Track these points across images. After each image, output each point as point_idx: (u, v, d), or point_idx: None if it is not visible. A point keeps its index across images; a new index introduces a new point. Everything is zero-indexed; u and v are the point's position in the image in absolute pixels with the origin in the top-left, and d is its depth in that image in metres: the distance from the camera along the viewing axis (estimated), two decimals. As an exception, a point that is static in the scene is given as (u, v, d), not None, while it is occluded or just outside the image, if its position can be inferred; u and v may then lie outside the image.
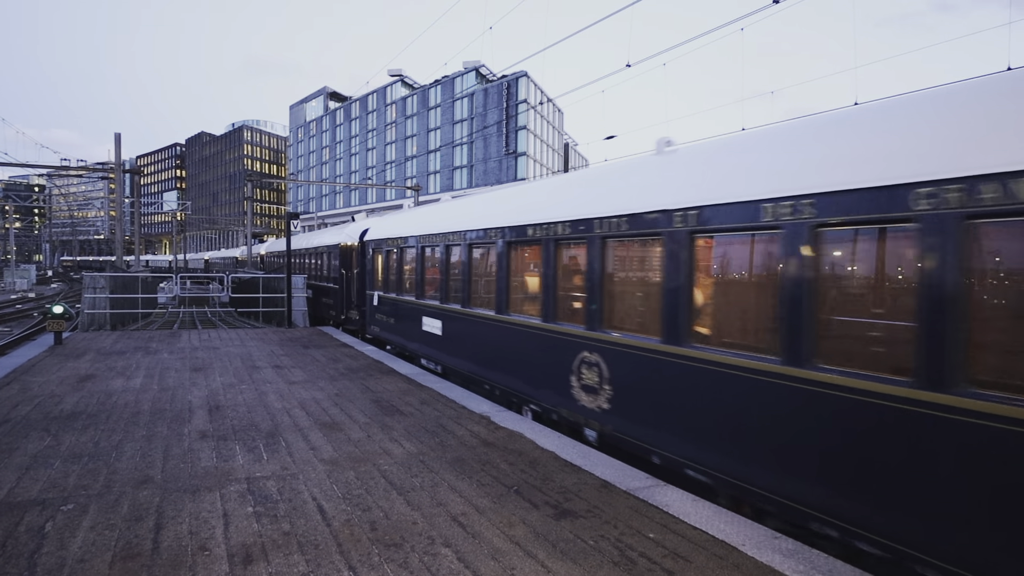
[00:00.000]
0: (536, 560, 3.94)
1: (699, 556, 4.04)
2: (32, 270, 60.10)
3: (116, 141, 25.44)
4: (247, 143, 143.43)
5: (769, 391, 4.74)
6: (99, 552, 3.90)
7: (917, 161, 3.84)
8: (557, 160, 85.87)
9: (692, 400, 5.51)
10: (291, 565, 3.79)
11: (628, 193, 6.58)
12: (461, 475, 5.56)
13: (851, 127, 4.60)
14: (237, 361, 11.69)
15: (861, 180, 4.14)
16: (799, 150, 4.89)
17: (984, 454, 3.41)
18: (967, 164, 3.57)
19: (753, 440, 4.89)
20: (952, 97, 4.04)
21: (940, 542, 3.63)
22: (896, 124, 4.22)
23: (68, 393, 8.52)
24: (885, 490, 3.89)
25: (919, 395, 3.71)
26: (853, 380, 4.11)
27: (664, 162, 6.42)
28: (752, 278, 5.24)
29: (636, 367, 6.22)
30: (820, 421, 4.34)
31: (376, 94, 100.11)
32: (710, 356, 5.32)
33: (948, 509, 3.59)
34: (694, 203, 5.56)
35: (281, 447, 6.28)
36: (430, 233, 11.57)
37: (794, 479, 4.55)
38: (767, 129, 5.84)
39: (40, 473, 5.34)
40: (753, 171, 5.16)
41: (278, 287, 20.53)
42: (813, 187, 4.45)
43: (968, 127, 3.72)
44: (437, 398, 8.71)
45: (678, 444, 5.67)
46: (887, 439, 3.87)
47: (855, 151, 4.34)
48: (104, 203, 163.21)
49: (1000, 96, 3.73)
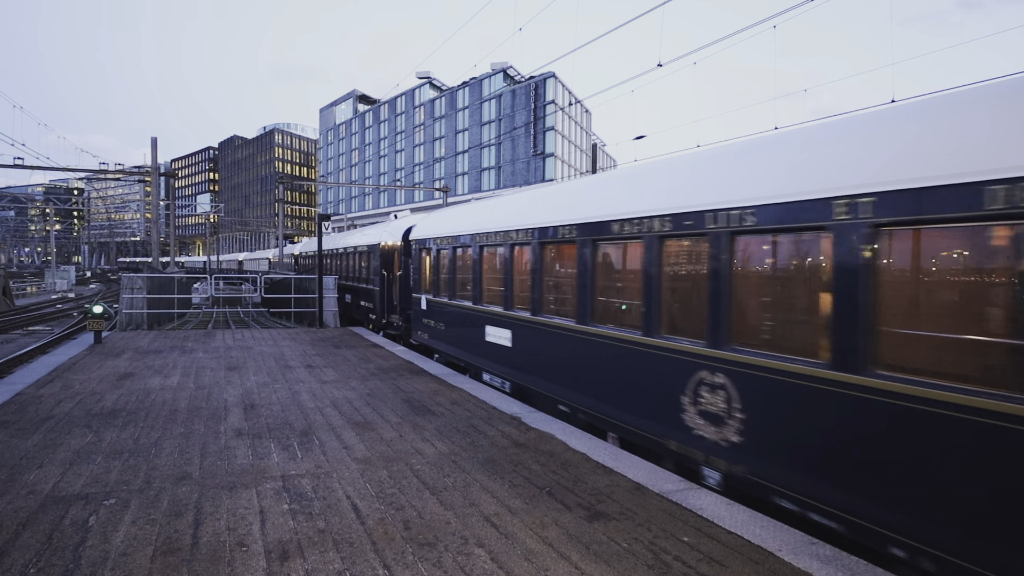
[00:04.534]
0: (569, 562, 3.93)
1: (735, 561, 3.99)
2: (72, 271, 61.71)
3: (152, 145, 25.96)
4: (278, 146, 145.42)
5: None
6: (141, 546, 3.98)
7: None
8: (585, 161, 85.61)
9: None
10: (327, 562, 3.83)
11: (774, 175, 5.20)
12: (493, 475, 5.56)
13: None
14: (270, 360, 11.86)
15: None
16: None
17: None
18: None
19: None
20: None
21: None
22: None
23: (108, 391, 8.72)
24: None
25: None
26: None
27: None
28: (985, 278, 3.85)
29: (783, 399, 4.93)
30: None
31: (405, 96, 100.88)
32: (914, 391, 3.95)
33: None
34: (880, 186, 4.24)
35: (315, 445, 6.36)
36: (492, 231, 10.16)
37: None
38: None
39: (83, 468, 5.48)
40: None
41: (310, 288, 20.79)
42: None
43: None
44: (468, 399, 8.74)
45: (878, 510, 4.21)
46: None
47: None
48: (140, 206, 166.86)
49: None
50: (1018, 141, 3.55)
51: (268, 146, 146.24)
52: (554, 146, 75.35)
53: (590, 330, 7.48)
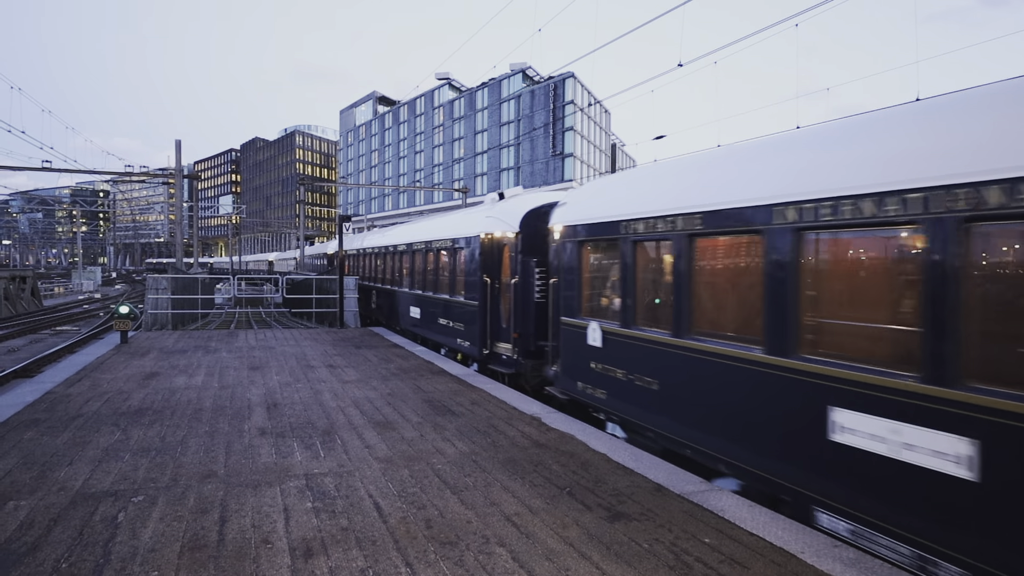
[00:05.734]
0: (590, 562, 3.94)
1: (757, 563, 3.97)
2: (98, 272, 62.77)
3: (176, 147, 26.33)
4: (299, 147, 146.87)
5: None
6: (168, 543, 4.06)
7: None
8: (604, 161, 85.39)
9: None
10: (350, 560, 3.87)
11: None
12: (513, 475, 5.59)
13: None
14: (292, 360, 11.99)
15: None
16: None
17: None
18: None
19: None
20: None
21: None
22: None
23: (135, 390, 8.87)
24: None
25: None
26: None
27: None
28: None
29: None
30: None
31: (424, 97, 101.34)
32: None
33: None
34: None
35: (337, 445, 6.42)
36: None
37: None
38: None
39: (112, 466, 5.58)
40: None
41: (330, 288, 20.95)
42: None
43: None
44: (488, 399, 8.77)
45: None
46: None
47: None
48: (164, 207, 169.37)
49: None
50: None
51: (289, 148, 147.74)
52: (573, 146, 75.26)
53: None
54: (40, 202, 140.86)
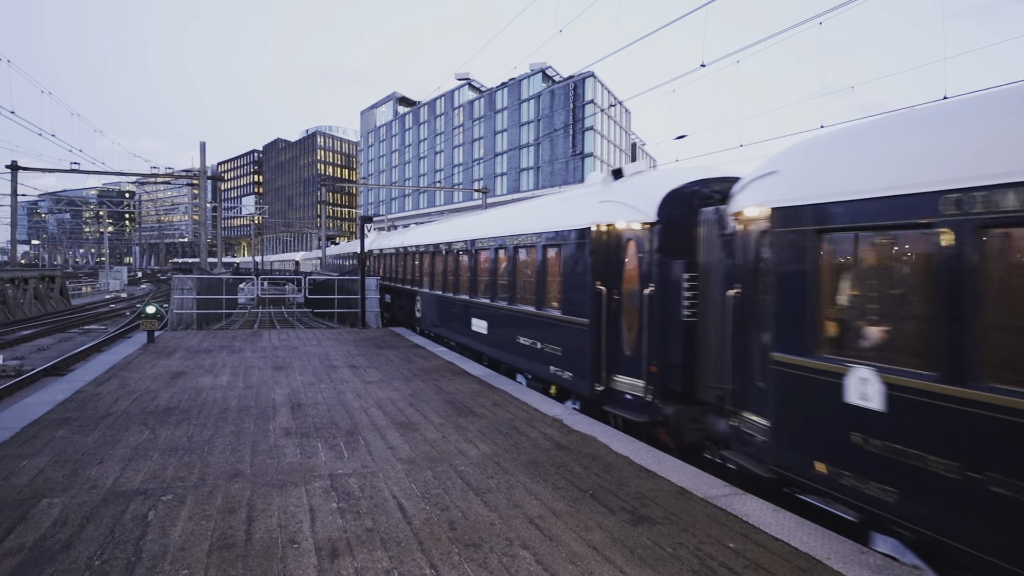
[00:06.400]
0: (614, 565, 3.94)
1: (782, 568, 3.94)
2: (124, 272, 63.79)
3: (201, 149, 26.75)
4: (320, 148, 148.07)
5: None
6: (197, 541, 4.12)
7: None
8: (625, 160, 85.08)
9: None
10: (375, 561, 3.91)
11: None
12: (536, 478, 5.60)
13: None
14: (315, 361, 12.10)
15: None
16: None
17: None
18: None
19: None
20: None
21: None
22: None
23: (162, 389, 9.02)
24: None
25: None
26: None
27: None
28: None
29: None
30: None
31: (444, 98, 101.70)
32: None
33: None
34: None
35: (360, 445, 6.48)
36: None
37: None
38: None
39: (141, 465, 5.69)
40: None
41: (352, 289, 21.09)
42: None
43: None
44: (509, 400, 8.79)
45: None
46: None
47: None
48: (188, 208, 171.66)
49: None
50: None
51: (310, 148, 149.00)
52: (593, 146, 75.12)
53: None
54: (68, 203, 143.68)
